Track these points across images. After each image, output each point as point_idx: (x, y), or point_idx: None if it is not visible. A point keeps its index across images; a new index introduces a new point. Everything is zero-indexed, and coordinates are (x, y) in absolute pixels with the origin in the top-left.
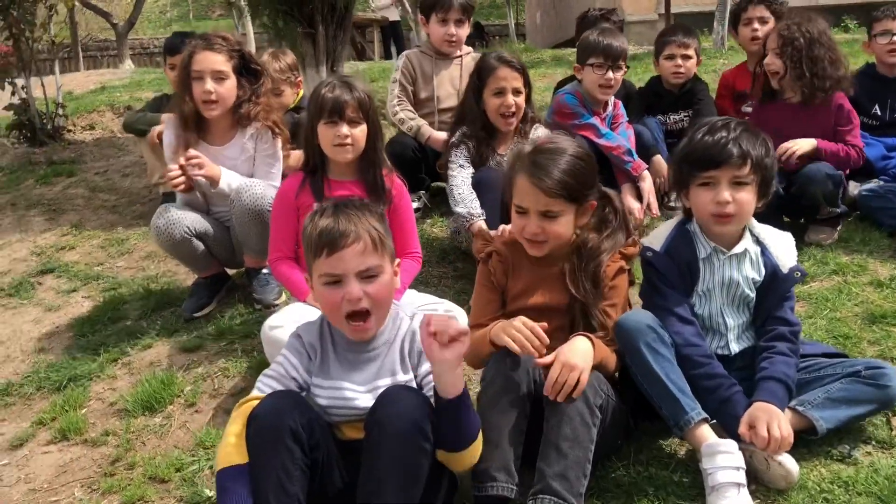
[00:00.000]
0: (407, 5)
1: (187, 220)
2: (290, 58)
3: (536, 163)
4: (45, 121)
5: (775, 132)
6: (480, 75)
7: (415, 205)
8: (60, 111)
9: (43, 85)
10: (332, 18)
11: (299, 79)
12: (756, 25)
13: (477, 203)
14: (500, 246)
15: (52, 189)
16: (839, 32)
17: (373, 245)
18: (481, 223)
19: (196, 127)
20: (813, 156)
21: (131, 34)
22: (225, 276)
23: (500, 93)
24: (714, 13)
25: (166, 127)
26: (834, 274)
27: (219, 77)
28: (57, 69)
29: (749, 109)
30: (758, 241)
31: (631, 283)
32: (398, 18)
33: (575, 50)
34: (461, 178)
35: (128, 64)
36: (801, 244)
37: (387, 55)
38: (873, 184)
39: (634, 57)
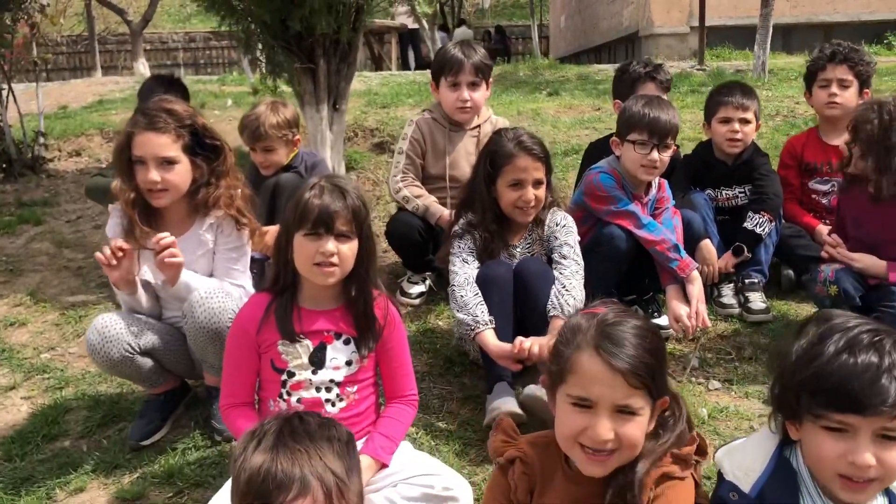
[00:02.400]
0: (420, 18)
1: (128, 335)
2: (289, 111)
3: (608, 335)
4: (23, 151)
5: (854, 222)
6: (494, 162)
7: (419, 289)
8: (41, 139)
9: (20, 112)
10: (336, 52)
11: (297, 137)
12: (834, 89)
13: (483, 307)
14: (527, 449)
15: (15, 242)
16: (882, 51)
17: (325, 501)
18: (487, 333)
19: (144, 216)
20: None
21: (148, 29)
22: (182, 390)
23: (518, 185)
24: (756, 27)
25: (111, 217)
26: None
27: (166, 162)
28: (39, 95)
29: (820, 187)
30: (887, 492)
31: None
32: (416, 26)
33: (604, 68)
34: (464, 276)
35: (141, 63)
36: None
37: (404, 64)
38: None
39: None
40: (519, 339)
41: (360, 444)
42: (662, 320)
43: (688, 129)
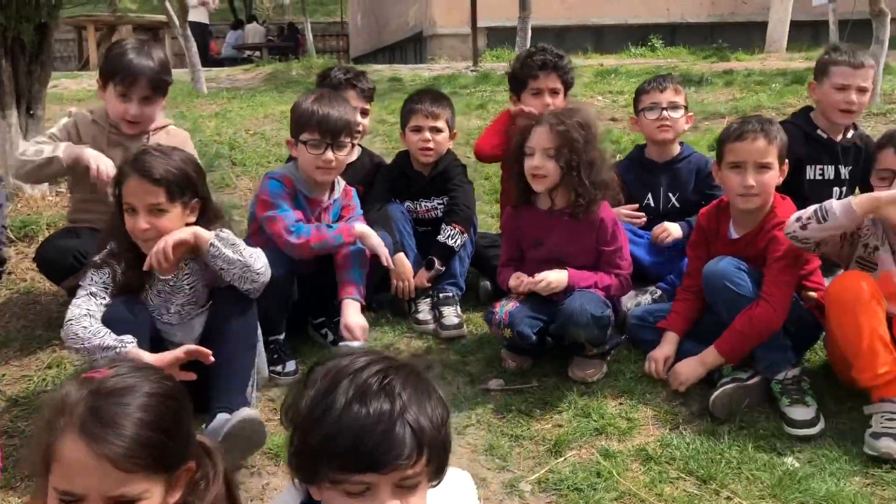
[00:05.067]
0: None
1: None
2: None
3: (98, 412)
4: None
5: (535, 244)
6: (117, 186)
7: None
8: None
9: None
10: (23, 52)
11: None
12: (548, 99)
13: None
14: None
15: None
16: (646, 52)
17: None
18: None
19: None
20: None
21: None
22: None
23: (133, 211)
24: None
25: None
26: (596, 436)
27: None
28: None
29: None
30: None
31: None
32: (207, 21)
33: (380, 69)
34: (85, 309)
35: None
36: (565, 380)
37: (202, 62)
38: (643, 305)
39: (442, 79)
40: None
41: None
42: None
43: None
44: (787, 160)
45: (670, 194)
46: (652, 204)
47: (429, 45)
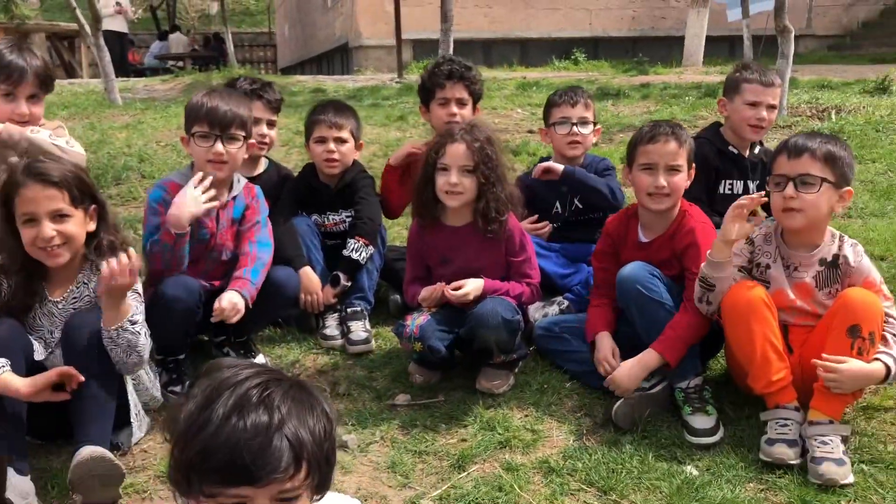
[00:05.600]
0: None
1: None
2: None
3: None
4: None
5: (442, 261)
6: (6, 197)
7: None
8: None
9: None
10: None
11: None
12: (454, 109)
13: None
14: None
15: None
16: (570, 65)
17: None
18: (6, 376)
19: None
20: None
21: None
22: None
23: (33, 220)
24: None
25: None
26: (501, 448)
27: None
28: None
29: None
30: None
31: None
32: (126, 30)
33: (303, 80)
34: None
35: None
36: (472, 393)
37: (120, 71)
38: (550, 316)
39: (366, 90)
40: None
41: None
42: (259, 359)
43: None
44: (693, 165)
45: (576, 200)
46: (560, 211)
47: (355, 56)
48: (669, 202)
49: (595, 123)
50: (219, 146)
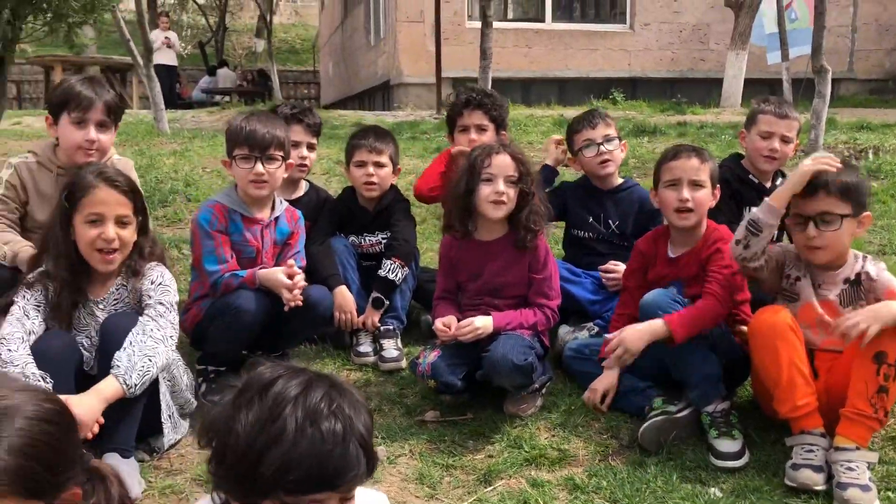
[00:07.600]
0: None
1: None
2: None
3: None
4: None
5: (474, 276)
6: (71, 196)
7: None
8: None
9: None
10: None
11: None
12: (474, 135)
13: (32, 366)
14: None
15: None
16: (608, 105)
17: None
18: None
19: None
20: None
21: None
22: None
23: (98, 221)
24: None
25: None
26: (526, 466)
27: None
28: None
29: None
30: None
31: None
32: (175, 63)
33: (346, 114)
34: (13, 330)
35: None
36: (501, 412)
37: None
38: (580, 339)
39: (405, 125)
40: None
41: None
42: None
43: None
44: (718, 186)
45: (611, 221)
46: (594, 228)
47: (395, 93)
48: (694, 217)
49: (619, 138)
50: (259, 167)
